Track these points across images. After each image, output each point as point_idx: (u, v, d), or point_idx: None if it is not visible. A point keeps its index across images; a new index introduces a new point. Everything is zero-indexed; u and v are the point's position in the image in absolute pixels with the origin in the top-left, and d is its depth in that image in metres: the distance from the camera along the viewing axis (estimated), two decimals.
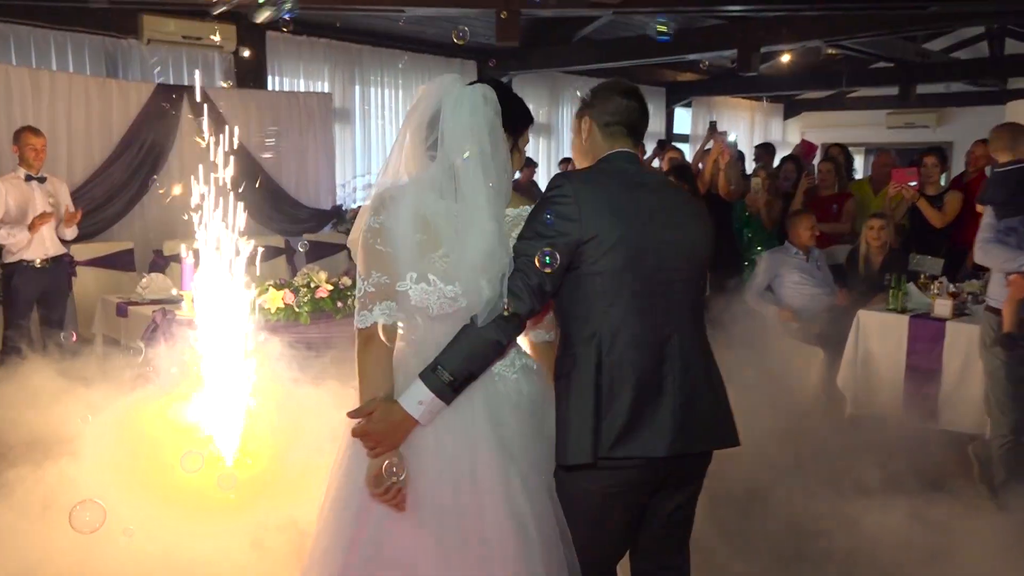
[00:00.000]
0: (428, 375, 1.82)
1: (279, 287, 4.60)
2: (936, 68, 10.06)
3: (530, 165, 8.66)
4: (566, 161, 6.47)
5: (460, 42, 2.72)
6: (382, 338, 1.87)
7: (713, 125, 7.81)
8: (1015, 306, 3.57)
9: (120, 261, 5.85)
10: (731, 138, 9.58)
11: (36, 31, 6.38)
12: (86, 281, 5.52)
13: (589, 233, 1.87)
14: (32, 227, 4.77)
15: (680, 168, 5.69)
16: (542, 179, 9.02)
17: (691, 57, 8.21)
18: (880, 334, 4.80)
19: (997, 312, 3.66)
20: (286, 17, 4.72)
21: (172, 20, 6.68)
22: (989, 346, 3.71)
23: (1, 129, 5.70)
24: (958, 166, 9.56)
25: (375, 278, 1.87)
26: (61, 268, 5.02)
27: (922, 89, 10.67)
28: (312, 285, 4.70)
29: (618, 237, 1.89)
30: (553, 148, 10.39)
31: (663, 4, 5.42)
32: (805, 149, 6.96)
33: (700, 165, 6.44)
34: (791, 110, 13.58)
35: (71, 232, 5.00)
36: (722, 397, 2.06)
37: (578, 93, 4.54)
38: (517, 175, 2.57)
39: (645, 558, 2.16)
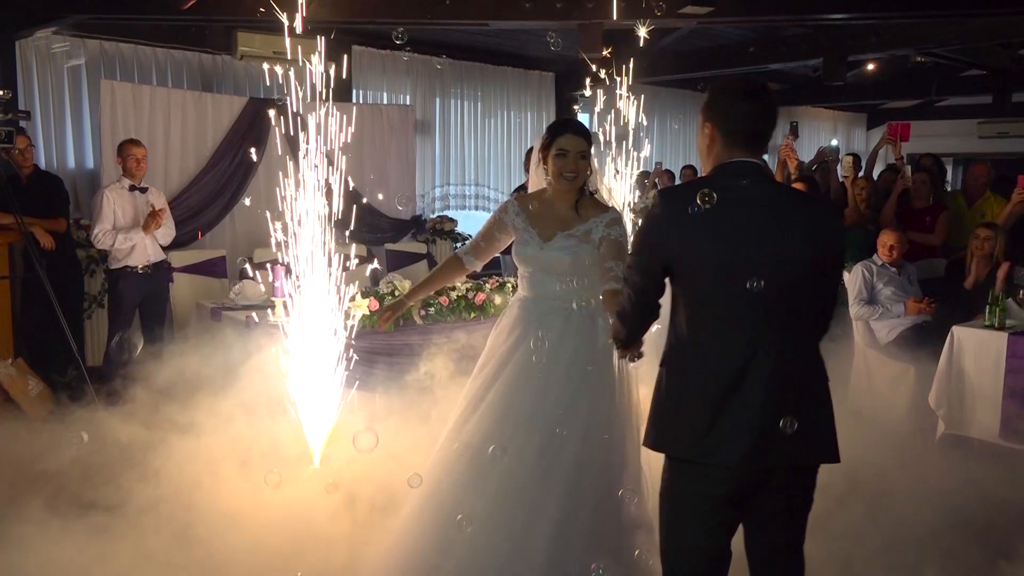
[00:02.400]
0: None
1: (364, 295, 4.71)
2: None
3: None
4: (644, 174, 6.44)
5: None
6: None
7: (794, 127, 7.65)
8: None
9: (213, 268, 6.09)
10: (833, 143, 9.36)
11: (138, 49, 6.71)
12: (181, 287, 5.76)
13: (675, 251, 2.04)
14: (146, 227, 5.02)
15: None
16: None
17: (774, 67, 8.07)
18: (976, 351, 4.61)
19: None
20: None
21: (264, 36, 6.92)
22: None
23: (106, 142, 6.01)
24: None
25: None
26: (161, 274, 5.26)
27: (1017, 97, 10.22)
28: (396, 293, 4.80)
29: (702, 255, 2.01)
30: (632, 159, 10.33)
31: (752, 14, 5.35)
32: (902, 129, 6.48)
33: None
34: (875, 119, 13.20)
35: (162, 234, 5.21)
36: (819, 411, 2.09)
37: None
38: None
39: (754, 565, 2.23)
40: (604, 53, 4.51)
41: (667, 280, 2.15)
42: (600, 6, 4.84)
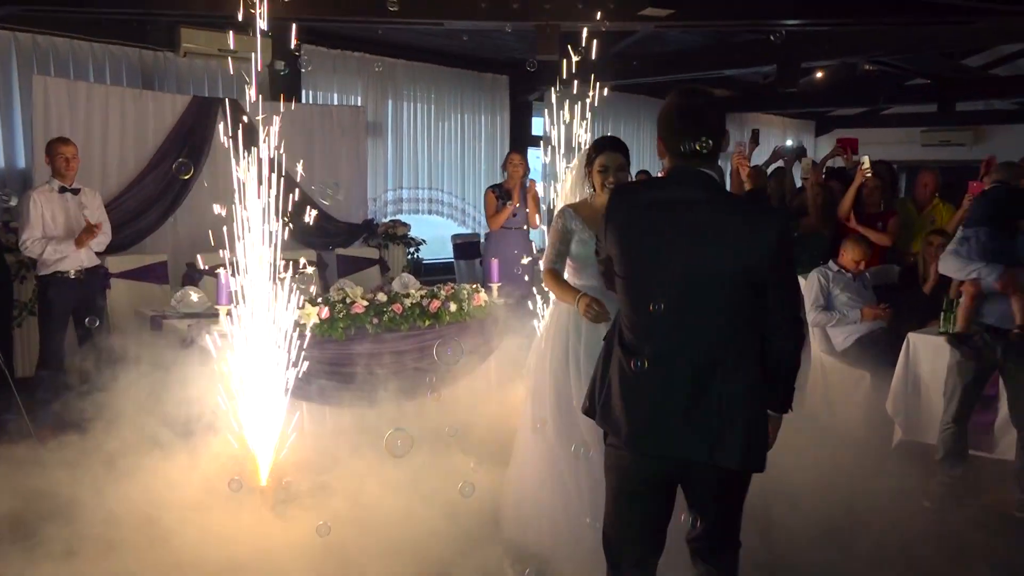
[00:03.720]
0: None
1: (314, 302, 4.52)
2: (974, 85, 9.87)
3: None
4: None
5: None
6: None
7: (755, 134, 7.70)
8: (968, 311, 4.03)
9: (153, 274, 5.80)
10: (788, 143, 9.41)
11: (74, 43, 6.39)
12: (119, 294, 5.47)
13: (610, 246, 2.26)
14: (79, 241, 4.73)
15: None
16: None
17: (729, 72, 8.09)
18: (932, 358, 4.64)
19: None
20: None
21: (209, 33, 6.68)
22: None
23: (39, 141, 5.69)
24: None
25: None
26: (96, 280, 4.96)
27: (961, 106, 10.47)
28: (348, 300, 4.63)
29: (625, 254, 2.20)
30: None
31: (709, 17, 5.32)
32: (851, 143, 6.64)
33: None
34: (823, 126, 13.41)
35: (97, 242, 4.93)
36: (743, 418, 2.10)
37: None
38: None
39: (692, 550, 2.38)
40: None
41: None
42: (558, 7, 4.74)
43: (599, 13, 4.09)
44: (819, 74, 9.50)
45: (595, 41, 4.28)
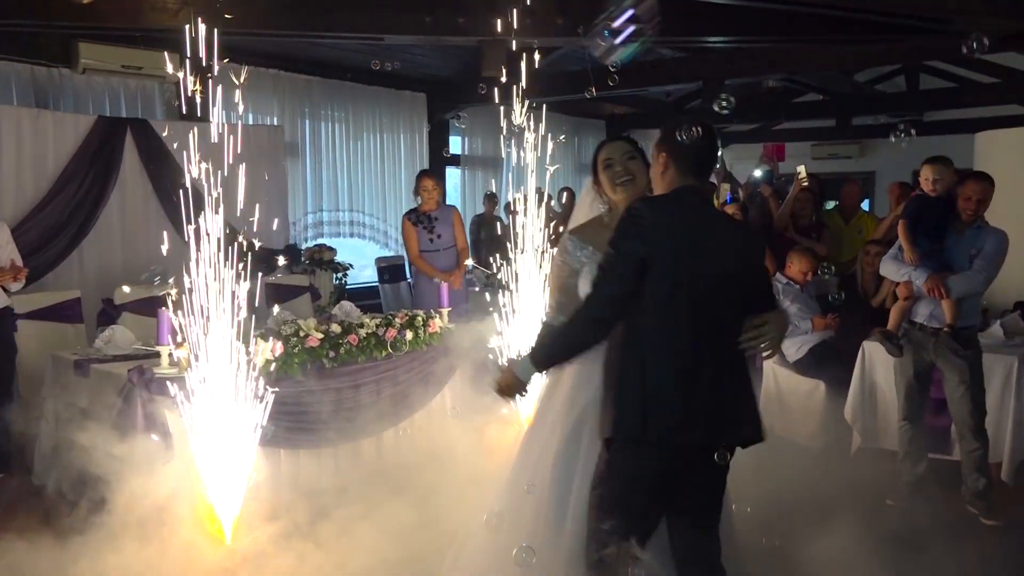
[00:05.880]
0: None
1: (264, 336, 4.17)
2: (867, 101, 10.44)
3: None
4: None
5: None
6: None
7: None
8: (900, 311, 4.20)
9: (65, 312, 5.20)
10: (758, 172, 9.57)
11: None
12: (28, 337, 4.87)
13: (651, 253, 2.27)
14: None
15: None
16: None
17: (653, 90, 8.19)
18: (886, 364, 4.73)
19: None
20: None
21: (111, 48, 6.16)
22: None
23: None
24: (882, 197, 10.00)
25: None
26: (5, 323, 4.41)
27: (856, 121, 11.00)
28: (301, 334, 4.29)
29: (672, 260, 2.28)
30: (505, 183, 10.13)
31: (663, 33, 5.31)
32: (776, 151, 6.86)
33: None
34: (722, 142, 13.84)
35: (16, 285, 4.40)
36: (752, 398, 2.40)
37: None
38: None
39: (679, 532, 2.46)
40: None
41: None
42: (507, 23, 4.60)
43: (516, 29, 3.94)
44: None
45: (530, 58, 4.21)
